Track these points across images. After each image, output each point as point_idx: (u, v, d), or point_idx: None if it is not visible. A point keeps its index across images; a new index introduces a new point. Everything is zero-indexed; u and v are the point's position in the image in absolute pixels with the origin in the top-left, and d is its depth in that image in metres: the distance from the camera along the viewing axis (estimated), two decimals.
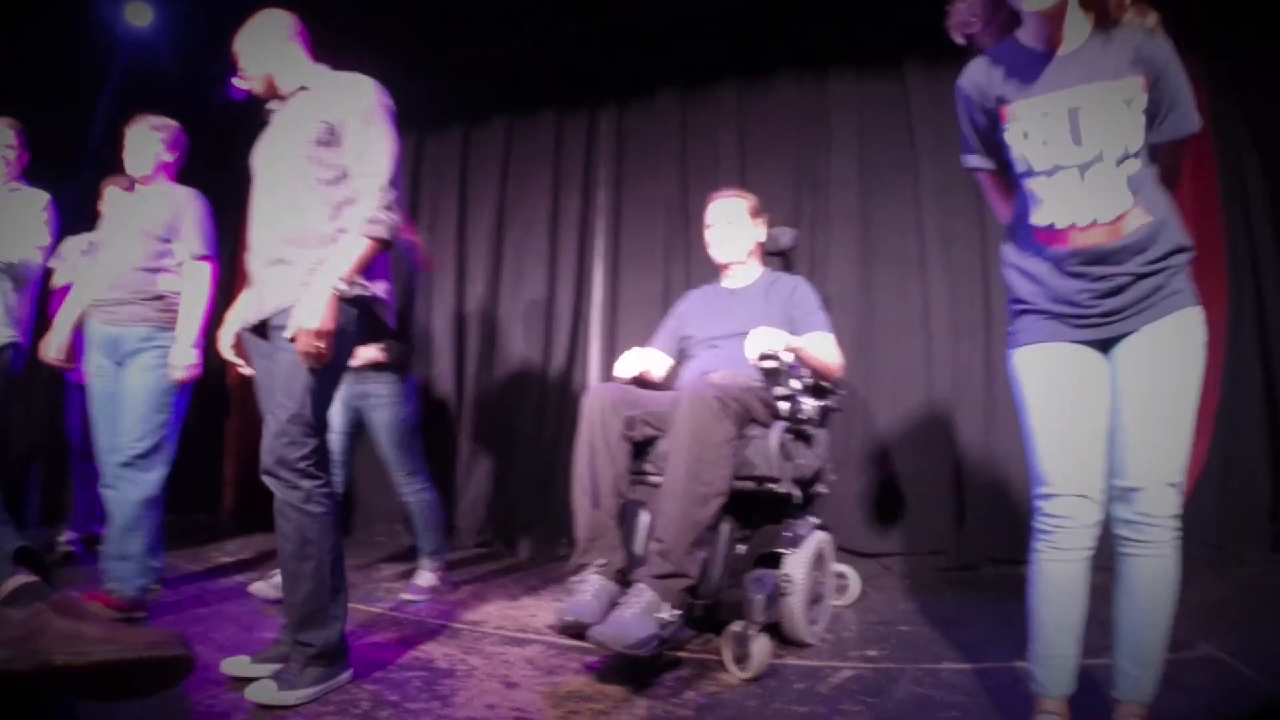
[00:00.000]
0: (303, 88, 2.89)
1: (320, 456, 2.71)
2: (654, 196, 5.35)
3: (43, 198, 3.84)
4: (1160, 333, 2.03)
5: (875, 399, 4.75)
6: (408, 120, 5.62)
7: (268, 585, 3.79)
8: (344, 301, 2.63)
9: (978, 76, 2.23)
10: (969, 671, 2.91)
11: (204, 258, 3.77)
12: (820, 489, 3.52)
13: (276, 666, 2.68)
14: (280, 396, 2.65)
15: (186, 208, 3.78)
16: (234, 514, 6.21)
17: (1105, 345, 2.11)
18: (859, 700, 2.66)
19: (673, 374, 3.78)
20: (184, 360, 3.64)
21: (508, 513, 5.36)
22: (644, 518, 3.24)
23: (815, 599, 3.29)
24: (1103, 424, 2.10)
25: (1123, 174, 2.01)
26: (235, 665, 2.76)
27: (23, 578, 1.70)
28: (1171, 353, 2.03)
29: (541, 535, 5.16)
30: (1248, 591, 3.75)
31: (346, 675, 2.77)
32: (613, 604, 2.83)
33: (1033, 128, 2.08)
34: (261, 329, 2.80)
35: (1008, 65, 2.16)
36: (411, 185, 5.87)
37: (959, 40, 2.31)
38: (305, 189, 2.74)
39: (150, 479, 3.62)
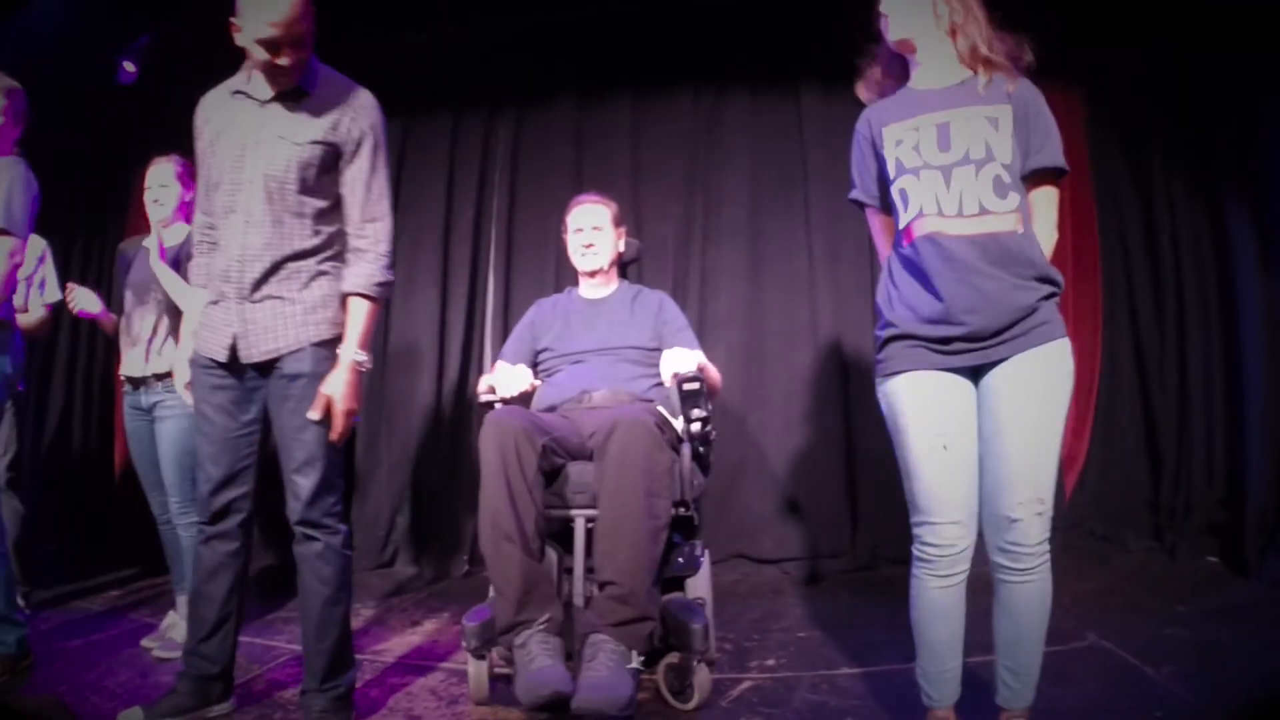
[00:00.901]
0: (300, 89, 2.58)
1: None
2: (548, 206, 5.28)
3: None
4: (1032, 363, 2.09)
5: (766, 410, 4.82)
6: None
7: (162, 644, 3.50)
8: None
9: (869, 114, 2.38)
10: (864, 675, 2.99)
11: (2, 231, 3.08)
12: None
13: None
14: (305, 449, 2.57)
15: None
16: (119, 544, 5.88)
17: (974, 372, 2.16)
18: (758, 712, 2.72)
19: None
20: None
21: (404, 533, 5.26)
22: (551, 556, 2.89)
23: None
24: (973, 451, 2.16)
25: (989, 175, 2.10)
26: (131, 718, 2.61)
27: None
28: (1043, 383, 2.09)
29: (439, 551, 5.08)
30: (1130, 579, 3.96)
31: (353, 712, 2.75)
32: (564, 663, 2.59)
33: (906, 137, 2.19)
34: (234, 365, 2.62)
35: (894, 103, 2.31)
36: None
37: (866, 99, 2.44)
38: (295, 215, 2.59)
39: None
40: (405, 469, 5.28)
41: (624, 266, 3.73)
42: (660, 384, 3.23)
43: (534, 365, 3.46)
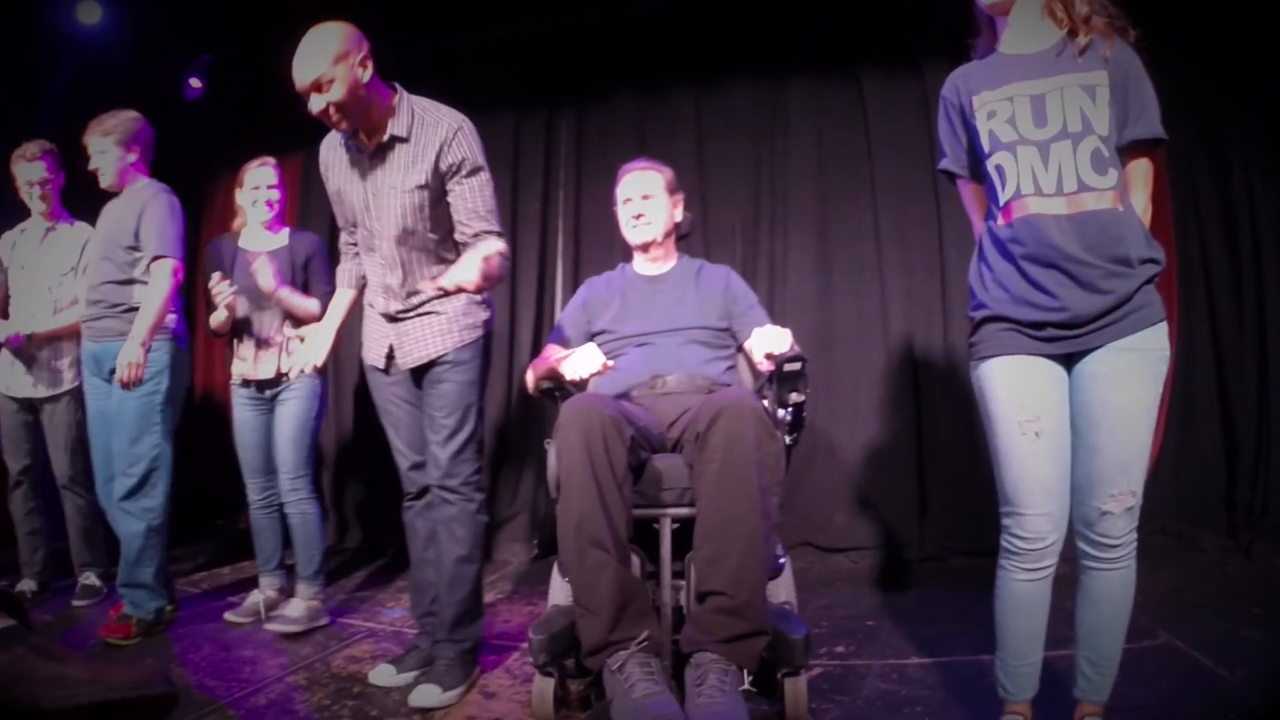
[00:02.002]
0: (395, 138, 2.78)
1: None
2: (612, 197, 5.33)
3: None
4: (1128, 351, 2.04)
5: (836, 399, 4.81)
6: None
7: (241, 612, 3.80)
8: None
9: (956, 80, 2.29)
10: (934, 666, 2.99)
11: (159, 256, 3.57)
12: None
13: (415, 673, 2.95)
14: (448, 425, 2.88)
15: (148, 206, 3.62)
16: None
17: (1068, 359, 2.12)
18: (829, 698, 2.73)
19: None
20: (127, 358, 3.42)
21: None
22: (636, 563, 2.59)
23: None
24: (1066, 440, 2.13)
25: (1087, 150, 2.03)
26: (382, 674, 3.00)
27: (1, 622, 1.70)
28: (1139, 373, 2.05)
29: (509, 537, 5.18)
30: (1203, 578, 3.86)
31: (476, 669, 3.01)
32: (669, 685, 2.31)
33: (999, 109, 2.11)
34: (389, 369, 3.00)
35: (983, 68, 2.22)
36: None
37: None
38: (424, 250, 2.88)
39: (151, 506, 3.60)
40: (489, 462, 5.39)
41: (681, 240, 3.44)
42: (733, 367, 3.17)
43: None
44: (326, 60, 2.58)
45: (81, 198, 4.17)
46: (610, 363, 2.83)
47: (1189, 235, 4.51)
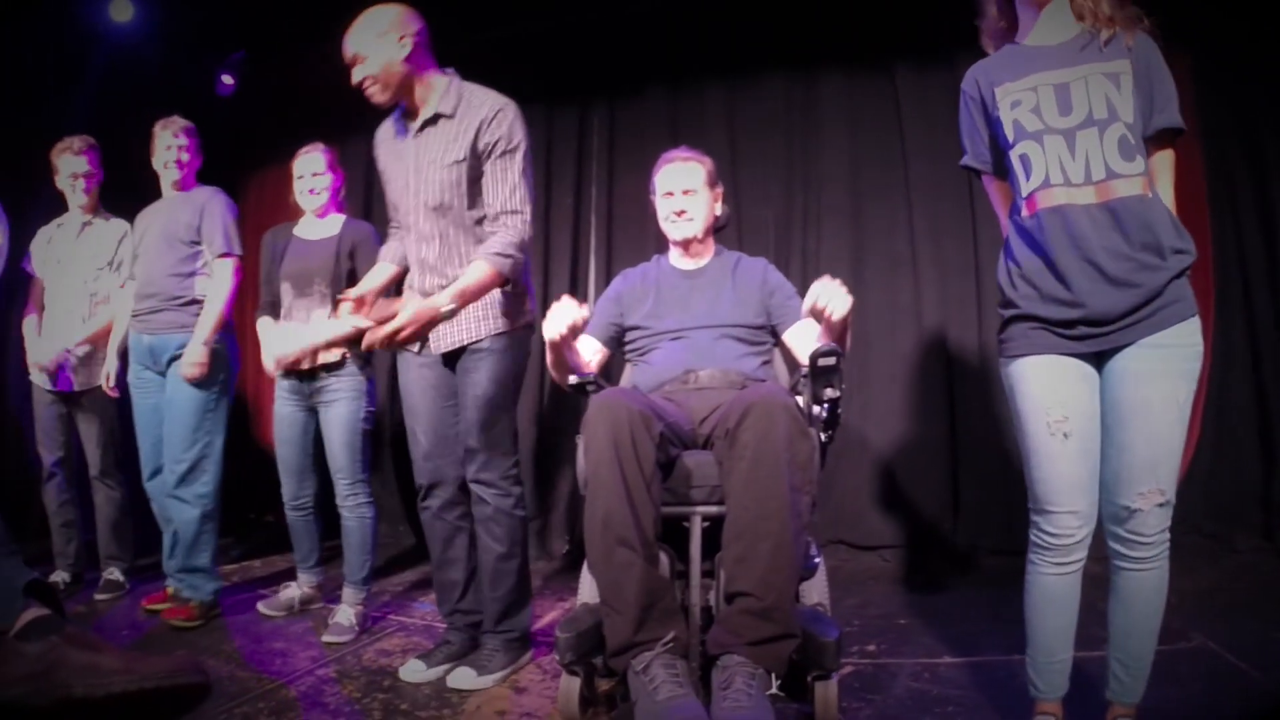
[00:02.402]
0: (440, 114, 2.91)
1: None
2: (645, 191, 5.30)
3: None
4: (1158, 348, 2.03)
5: (869, 394, 4.77)
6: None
7: (275, 605, 3.84)
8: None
9: (976, 74, 2.30)
10: (966, 665, 2.97)
11: (225, 254, 3.76)
12: None
13: (445, 667, 3.00)
14: (479, 419, 2.93)
15: (207, 206, 3.79)
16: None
17: (1098, 357, 2.11)
18: (860, 697, 2.72)
19: (612, 364, 3.38)
20: (192, 358, 3.60)
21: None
22: (664, 561, 2.52)
23: None
24: (1096, 440, 2.12)
25: (1114, 137, 2.02)
26: (413, 670, 3.00)
27: (35, 611, 1.71)
28: (1169, 370, 2.03)
29: (540, 530, 5.17)
30: (1238, 579, 3.81)
31: (529, 655, 3.13)
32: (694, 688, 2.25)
33: (1023, 99, 2.12)
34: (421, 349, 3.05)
35: (1004, 61, 2.23)
36: None
37: (990, 50, 2.34)
38: (459, 227, 2.94)
39: (204, 492, 3.72)
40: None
41: (717, 232, 3.34)
42: (769, 363, 3.12)
43: (622, 342, 3.24)
44: (369, 36, 2.80)
45: (112, 196, 4.23)
46: (584, 312, 2.62)
47: (1225, 230, 4.42)
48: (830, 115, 4.95)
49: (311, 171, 3.78)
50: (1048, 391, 2.12)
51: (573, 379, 2.86)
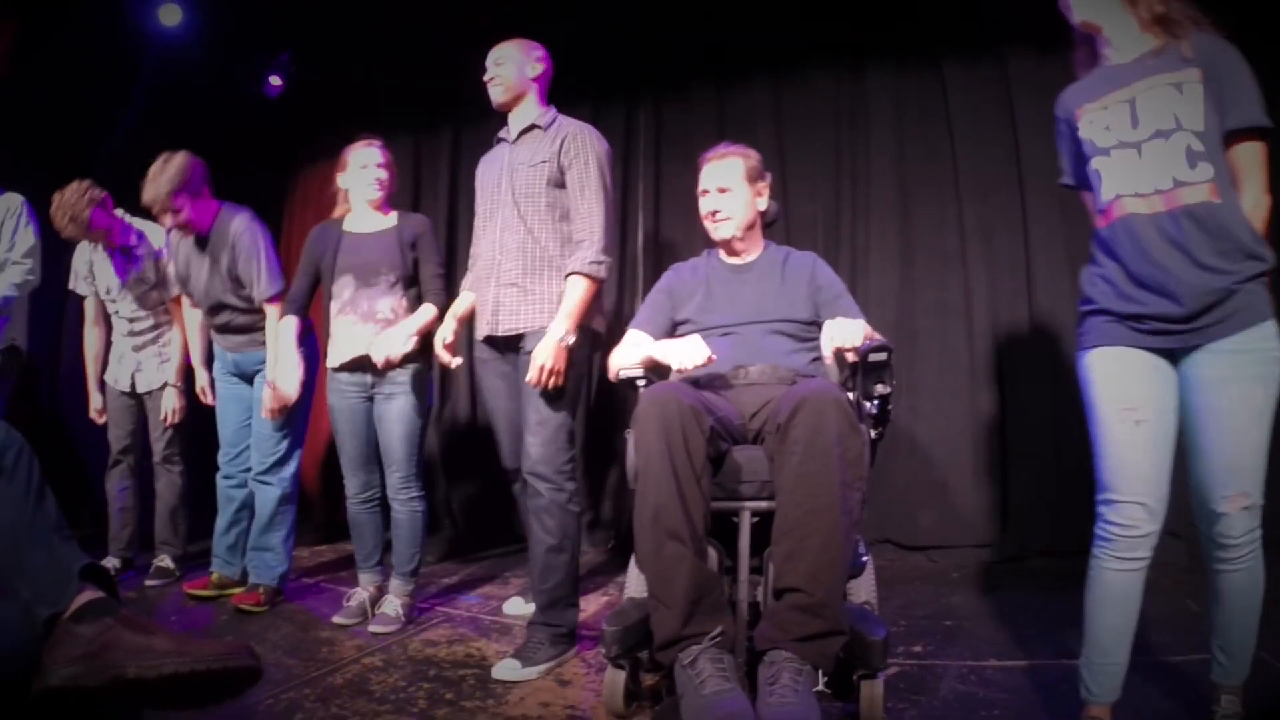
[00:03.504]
0: (535, 126, 3.32)
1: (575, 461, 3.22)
2: (694, 189, 5.29)
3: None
4: (1230, 353, 2.05)
5: (918, 392, 4.72)
6: (447, 109, 5.64)
7: (348, 614, 3.70)
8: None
9: (1064, 98, 2.40)
10: (1014, 669, 2.92)
11: (270, 299, 3.88)
12: None
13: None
14: (536, 412, 3.10)
15: (238, 243, 3.87)
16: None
17: (1175, 355, 2.14)
18: (906, 698, 2.68)
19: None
20: (285, 390, 3.72)
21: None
22: (713, 556, 2.53)
23: None
24: (1170, 434, 2.15)
25: (1179, 146, 2.07)
26: (507, 668, 2.98)
27: (90, 594, 1.74)
28: (1248, 372, 2.04)
29: (587, 527, 5.17)
30: None
31: (573, 650, 3.16)
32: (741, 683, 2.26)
33: (1097, 117, 2.22)
34: (494, 341, 3.31)
35: (1086, 83, 2.32)
36: (449, 176, 5.89)
37: (1080, 76, 2.41)
38: (540, 222, 3.21)
39: (286, 475, 3.93)
40: None
41: (768, 227, 3.34)
42: (819, 359, 3.04)
43: (672, 337, 3.16)
44: (511, 49, 3.37)
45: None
46: (714, 355, 2.68)
47: None
48: (878, 110, 4.91)
49: (374, 162, 3.74)
50: (1117, 380, 2.18)
51: (623, 373, 2.91)
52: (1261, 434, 2.06)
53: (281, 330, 3.76)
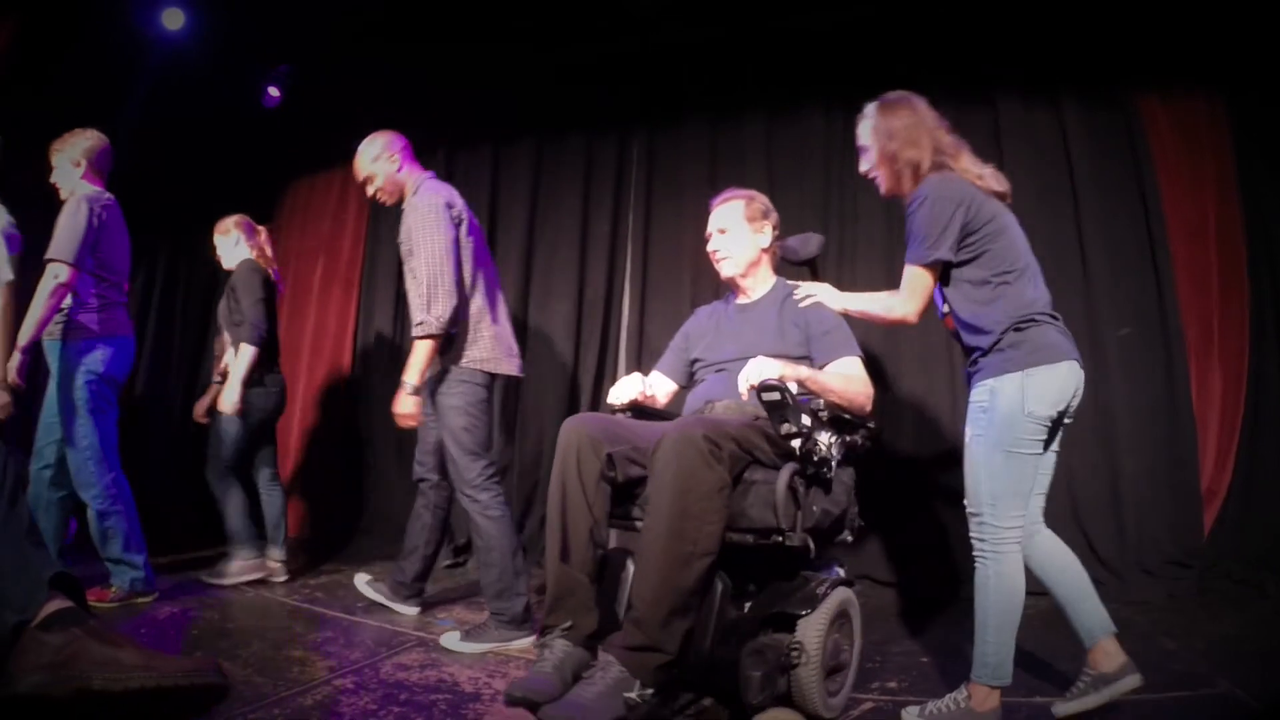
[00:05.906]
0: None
1: (491, 474, 3.72)
2: (684, 221, 5.33)
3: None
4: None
5: (896, 430, 4.76)
6: (438, 133, 5.65)
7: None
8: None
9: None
10: None
11: (48, 260, 3.74)
12: (844, 537, 3.02)
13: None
14: (457, 436, 3.67)
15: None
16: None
17: None
18: None
19: (680, 399, 3.45)
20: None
21: (531, 534, 5.37)
22: (631, 570, 2.82)
23: (835, 667, 2.80)
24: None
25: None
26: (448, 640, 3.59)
27: (59, 603, 1.72)
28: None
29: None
30: (1269, 627, 3.72)
31: (524, 641, 3.56)
32: (576, 676, 2.53)
33: None
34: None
35: None
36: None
37: None
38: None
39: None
40: (534, 473, 5.48)
41: (805, 264, 3.50)
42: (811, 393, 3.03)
43: (690, 375, 3.42)
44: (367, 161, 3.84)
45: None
46: (649, 392, 3.28)
47: (1262, 275, 4.39)
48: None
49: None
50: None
51: (613, 404, 3.25)
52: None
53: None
